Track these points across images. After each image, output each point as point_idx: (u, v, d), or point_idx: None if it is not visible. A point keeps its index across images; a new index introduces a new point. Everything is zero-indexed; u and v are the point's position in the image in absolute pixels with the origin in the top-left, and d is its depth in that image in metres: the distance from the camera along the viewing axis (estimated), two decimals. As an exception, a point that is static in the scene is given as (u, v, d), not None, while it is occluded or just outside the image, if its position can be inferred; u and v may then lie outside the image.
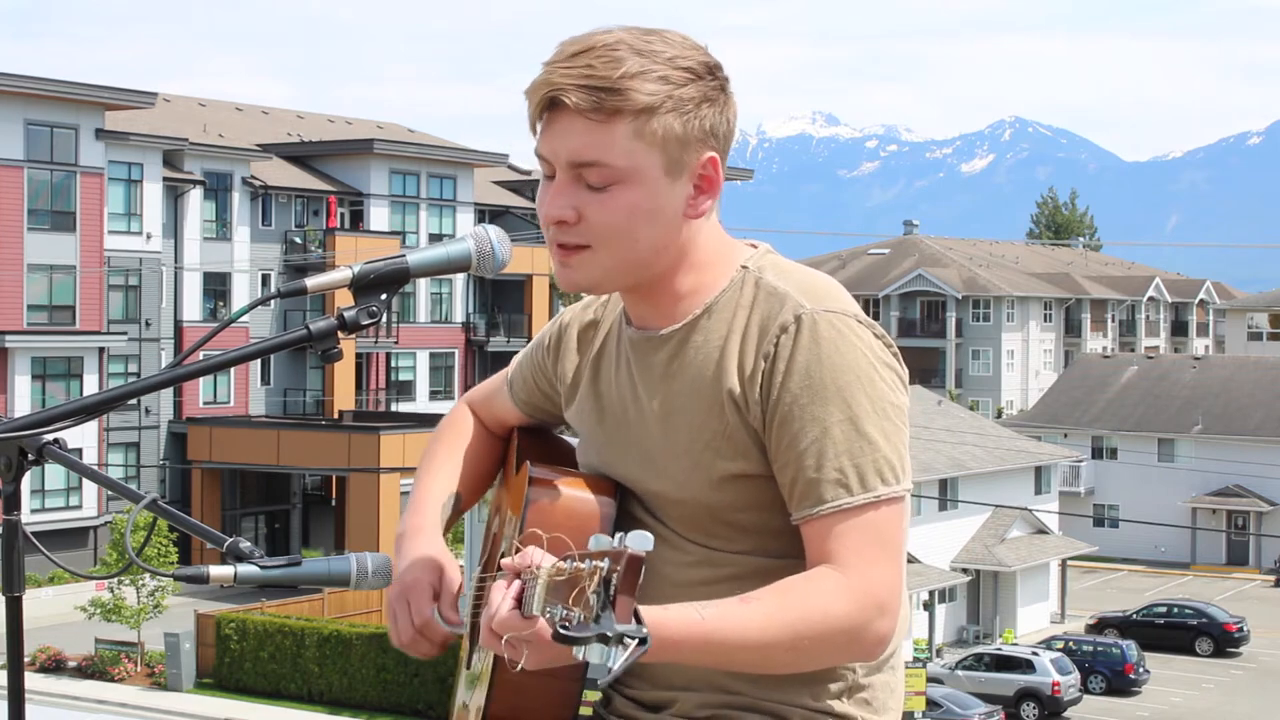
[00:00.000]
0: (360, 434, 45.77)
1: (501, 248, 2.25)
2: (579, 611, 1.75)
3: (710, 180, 2.21)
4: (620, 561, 1.74)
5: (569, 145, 2.16)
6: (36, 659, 34.79)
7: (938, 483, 44.81)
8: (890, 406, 2.17)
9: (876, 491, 2.13)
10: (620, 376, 2.35)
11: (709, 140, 2.19)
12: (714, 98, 2.20)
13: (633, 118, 2.13)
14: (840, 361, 2.15)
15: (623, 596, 1.73)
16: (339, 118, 66.34)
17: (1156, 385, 64.12)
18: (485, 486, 2.62)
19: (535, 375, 2.54)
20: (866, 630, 2.10)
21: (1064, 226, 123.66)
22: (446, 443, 2.61)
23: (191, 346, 2.19)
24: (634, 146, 2.14)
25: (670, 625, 1.96)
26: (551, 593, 1.79)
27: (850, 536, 2.12)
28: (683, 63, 2.17)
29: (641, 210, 2.16)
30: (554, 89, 2.14)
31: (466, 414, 2.65)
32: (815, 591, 2.07)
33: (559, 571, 1.79)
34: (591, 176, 2.16)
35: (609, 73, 2.13)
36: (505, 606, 1.89)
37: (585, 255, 2.19)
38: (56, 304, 46.85)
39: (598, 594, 1.74)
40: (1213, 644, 45.12)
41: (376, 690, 33.10)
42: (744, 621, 2.02)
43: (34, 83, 46.49)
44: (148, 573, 14.11)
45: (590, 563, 1.75)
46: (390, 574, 2.29)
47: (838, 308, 2.19)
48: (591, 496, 2.29)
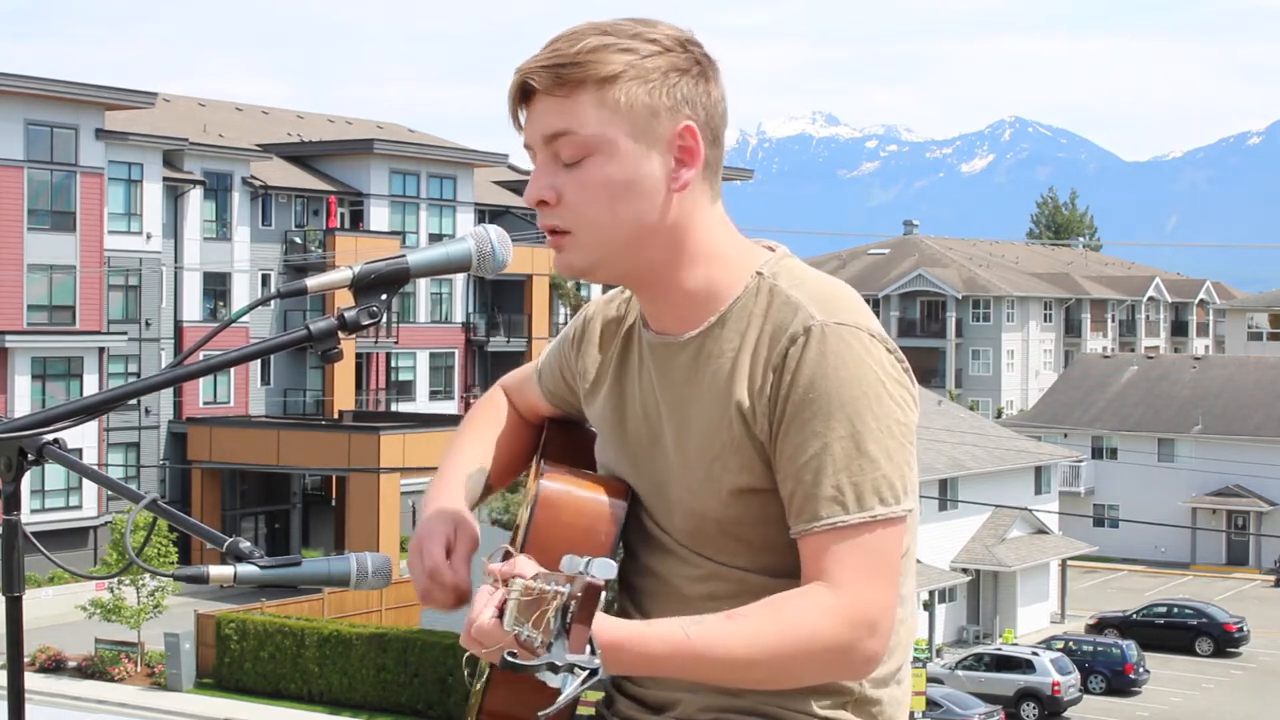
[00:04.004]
0: (360, 434, 45.78)
1: (502, 248, 2.24)
2: (538, 635, 1.75)
3: (690, 151, 2.18)
4: (580, 589, 1.73)
5: (542, 123, 2.17)
6: (36, 659, 34.79)
7: (938, 483, 44.82)
8: (896, 424, 2.13)
9: (874, 511, 2.09)
10: (643, 381, 2.33)
11: (682, 108, 2.16)
12: (686, 68, 2.18)
13: (595, 87, 2.13)
14: (847, 376, 2.11)
15: (578, 625, 1.73)
16: (339, 118, 66.34)
17: (1156, 385, 64.13)
18: (515, 472, 2.59)
19: (562, 367, 2.52)
20: (855, 650, 2.07)
21: (1064, 226, 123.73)
22: (478, 425, 2.59)
23: (191, 347, 2.18)
24: (599, 115, 2.14)
25: (654, 643, 1.96)
26: (521, 610, 1.79)
27: (844, 555, 2.08)
28: (649, 36, 2.17)
29: (617, 182, 2.15)
30: (522, 75, 2.17)
31: (501, 399, 2.64)
32: (804, 610, 2.05)
33: (528, 591, 1.78)
34: (565, 151, 2.16)
35: (569, 49, 2.15)
36: (486, 614, 1.89)
37: (570, 239, 2.19)
38: (56, 304, 46.84)
39: (555, 618, 1.74)
40: (1213, 644, 45.13)
41: (376, 690, 33.10)
42: (729, 640, 2.01)
43: (34, 83, 46.49)
44: (148, 573, 14.11)
45: (553, 585, 1.75)
46: (390, 575, 2.28)
47: (850, 320, 2.15)
48: (602, 497, 2.28)
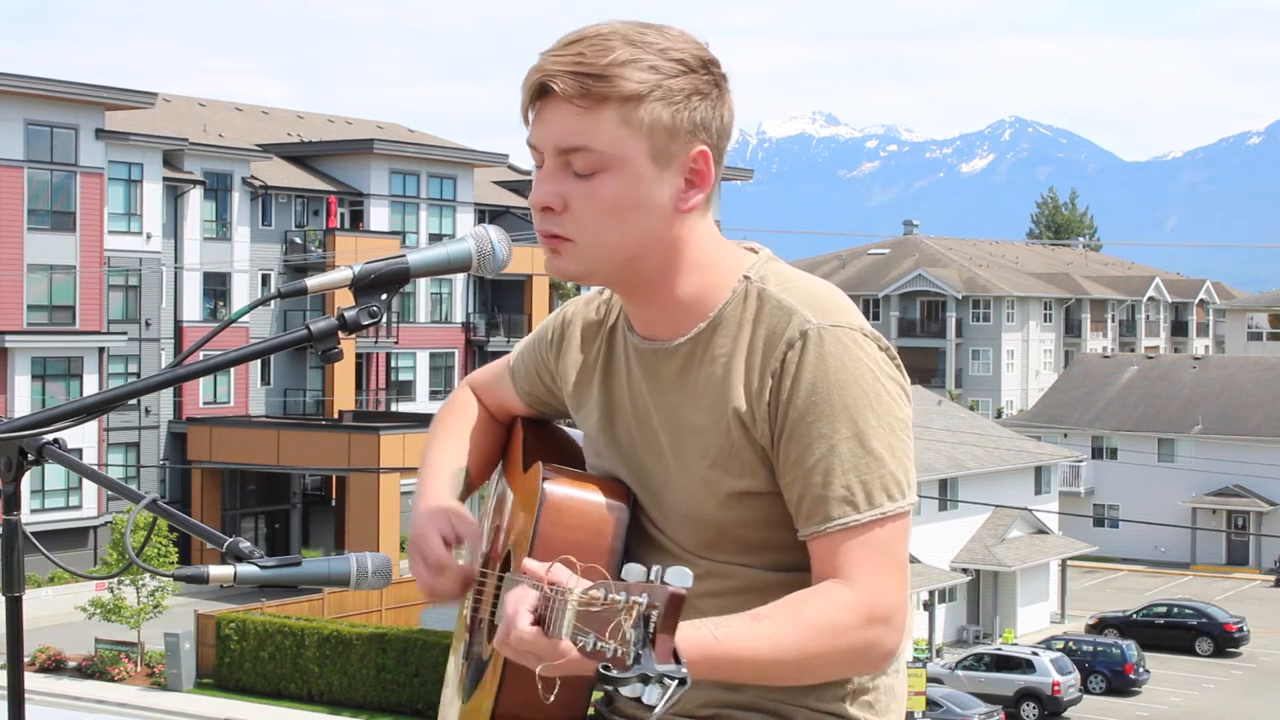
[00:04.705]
0: (360, 434, 45.77)
1: (502, 248, 2.24)
2: (615, 645, 1.72)
3: (702, 174, 2.19)
4: (661, 599, 1.71)
5: (557, 131, 2.15)
6: (36, 659, 34.77)
7: (938, 483, 44.82)
8: (896, 421, 2.17)
9: (883, 508, 2.13)
10: (632, 385, 2.34)
11: (699, 133, 2.17)
12: (706, 91, 2.18)
13: (619, 104, 2.12)
14: (846, 378, 2.14)
15: (663, 635, 1.71)
16: (339, 118, 66.32)
17: (1156, 385, 64.13)
18: (490, 470, 2.61)
19: (538, 367, 2.53)
20: (875, 645, 2.11)
21: (1064, 226, 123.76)
22: (451, 423, 2.60)
23: (191, 347, 2.18)
24: (620, 133, 2.13)
25: (689, 650, 1.95)
26: (583, 620, 1.76)
27: (858, 553, 2.12)
28: (675, 54, 2.16)
29: (627, 199, 2.15)
30: (544, 75, 2.15)
31: (470, 397, 2.65)
32: (825, 608, 2.08)
33: (592, 600, 1.76)
34: (578, 163, 2.15)
35: (597, 59, 2.13)
36: (524, 621, 1.86)
37: (570, 246, 2.18)
38: (56, 304, 46.83)
39: (637, 630, 1.71)
40: (1213, 644, 45.13)
41: (376, 690, 33.09)
42: (756, 641, 2.02)
43: (34, 83, 46.48)
44: (148, 573, 14.11)
45: (627, 596, 1.72)
46: (390, 575, 2.28)
47: (844, 321, 2.18)
48: (606, 501, 2.27)
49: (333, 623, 34.55)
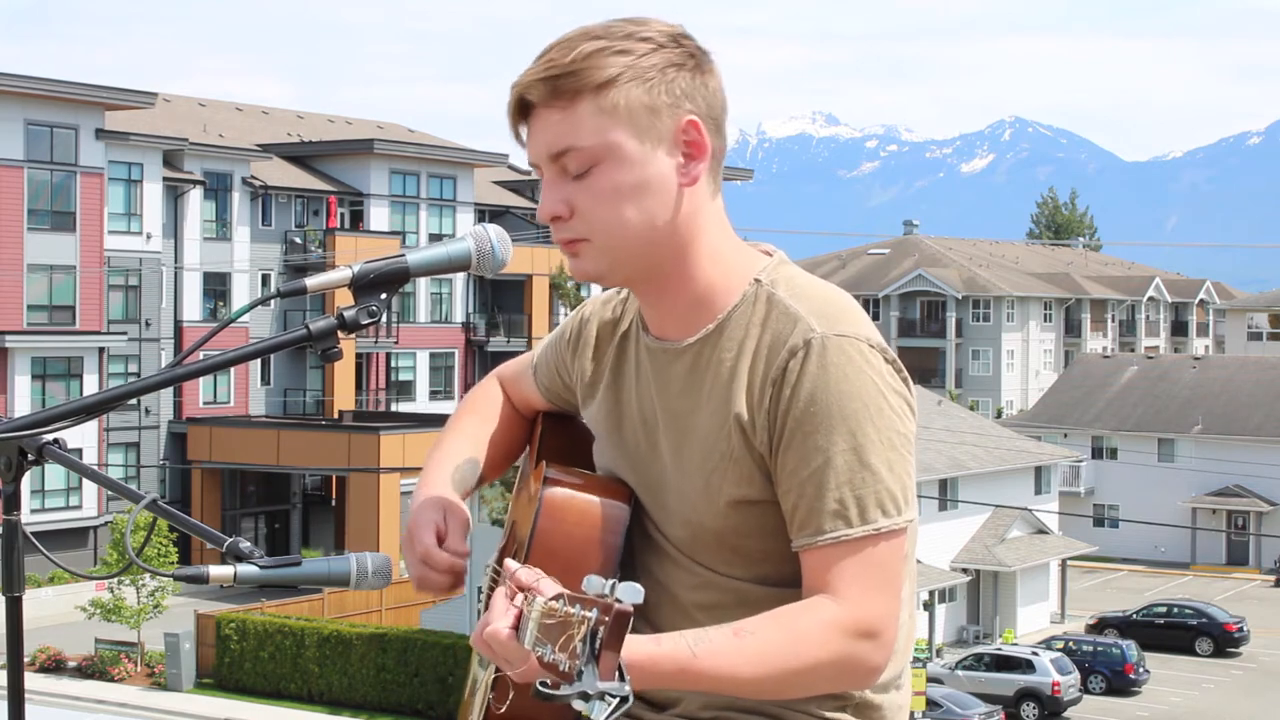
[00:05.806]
0: (360, 434, 45.79)
1: (501, 247, 2.24)
2: (565, 659, 1.72)
3: (696, 144, 2.17)
4: (609, 614, 1.71)
5: (544, 140, 2.16)
6: (36, 659, 34.78)
7: (938, 483, 44.82)
8: (897, 435, 2.13)
9: (876, 524, 2.10)
10: (640, 386, 2.33)
11: (683, 103, 2.16)
12: (682, 63, 2.17)
13: (593, 95, 2.12)
14: (848, 389, 2.11)
15: (607, 652, 1.70)
16: (339, 118, 66.33)
17: (1156, 385, 64.13)
18: (507, 464, 2.60)
19: (557, 365, 2.52)
20: (861, 662, 2.08)
21: (1064, 226, 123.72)
22: (471, 414, 2.59)
23: (191, 346, 2.18)
24: (600, 122, 2.13)
25: (663, 663, 1.95)
26: (543, 631, 1.76)
27: (848, 568, 2.09)
28: (642, 35, 2.16)
29: (626, 184, 2.14)
30: (519, 89, 2.16)
31: (496, 389, 2.64)
32: (809, 624, 2.05)
33: (551, 612, 1.75)
34: (571, 164, 2.15)
35: (563, 59, 2.13)
36: (503, 625, 1.86)
37: (586, 246, 2.18)
38: (56, 304, 46.85)
39: (584, 644, 1.71)
40: (1213, 644, 45.12)
41: (376, 690, 33.10)
42: (736, 656, 2.00)
43: (34, 83, 46.49)
44: (148, 573, 14.11)
45: (579, 610, 1.72)
46: (390, 575, 2.28)
47: (850, 331, 2.15)
48: (607, 501, 2.27)
49: (333, 623, 34.56)
